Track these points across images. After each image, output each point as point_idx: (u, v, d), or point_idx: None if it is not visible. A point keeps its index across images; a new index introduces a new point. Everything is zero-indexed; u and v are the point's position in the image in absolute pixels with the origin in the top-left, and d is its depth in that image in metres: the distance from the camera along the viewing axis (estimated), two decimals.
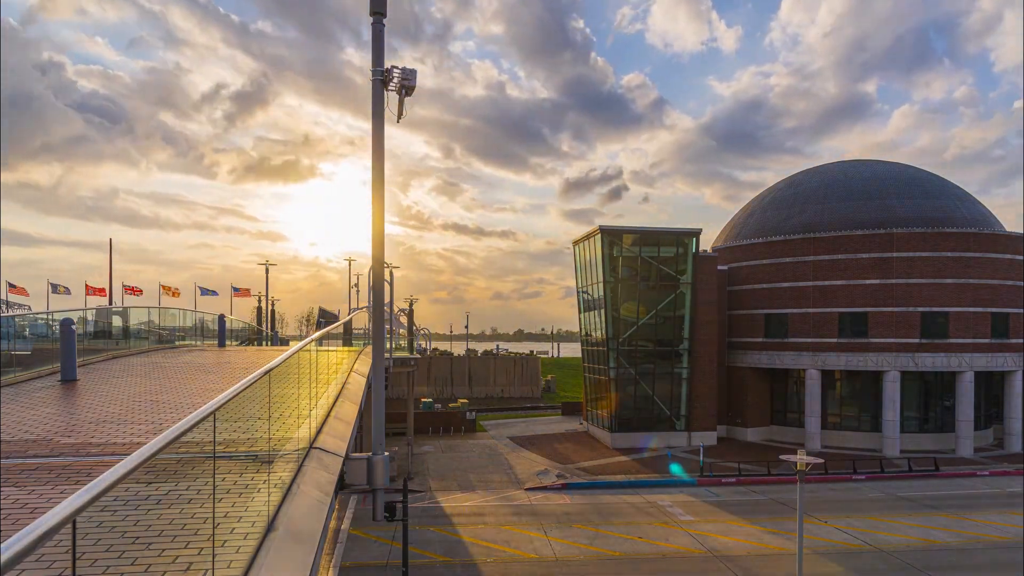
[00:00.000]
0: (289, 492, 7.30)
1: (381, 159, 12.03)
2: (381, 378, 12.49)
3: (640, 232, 52.93)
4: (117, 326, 23.30)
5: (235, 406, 5.58)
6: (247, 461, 6.14)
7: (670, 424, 51.89)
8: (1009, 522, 31.97)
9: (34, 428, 9.42)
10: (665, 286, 52.37)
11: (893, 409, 48.48)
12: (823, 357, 50.75)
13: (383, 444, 11.74)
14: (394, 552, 26.82)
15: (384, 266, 12.46)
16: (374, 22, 11.66)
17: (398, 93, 11.87)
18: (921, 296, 48.58)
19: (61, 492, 6.28)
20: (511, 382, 79.90)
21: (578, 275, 58.05)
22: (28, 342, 16.71)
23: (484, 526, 31.40)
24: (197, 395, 13.01)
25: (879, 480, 41.11)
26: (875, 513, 33.80)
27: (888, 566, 26.40)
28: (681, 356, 52.35)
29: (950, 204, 53.46)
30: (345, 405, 14.21)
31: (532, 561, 26.72)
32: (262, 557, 5.42)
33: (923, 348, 48.45)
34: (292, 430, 8.50)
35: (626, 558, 27.15)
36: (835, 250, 50.55)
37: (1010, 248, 50.00)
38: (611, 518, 32.74)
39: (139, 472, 3.45)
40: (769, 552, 27.98)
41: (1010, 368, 49.63)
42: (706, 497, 37.22)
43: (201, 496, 4.81)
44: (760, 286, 54.15)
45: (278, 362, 7.35)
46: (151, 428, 9.51)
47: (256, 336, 49.56)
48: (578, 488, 38.97)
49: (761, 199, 62.31)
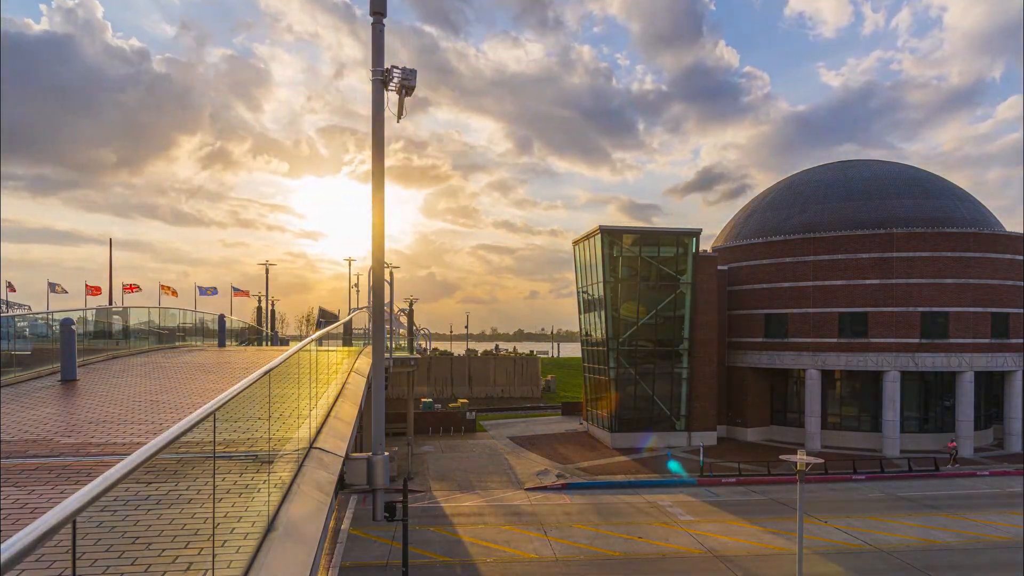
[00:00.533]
0: (289, 492, 7.30)
1: (381, 159, 12.03)
2: (381, 378, 12.50)
3: (640, 232, 52.98)
4: (117, 326, 23.29)
5: (235, 406, 5.58)
6: (247, 461, 6.15)
7: (670, 424, 51.88)
8: (1009, 522, 31.97)
9: (34, 428, 9.42)
10: (665, 286, 52.36)
11: (893, 409, 48.49)
12: (823, 357, 50.74)
13: (383, 444, 11.74)
14: (394, 552, 26.82)
15: (384, 266, 12.45)
16: (374, 22, 11.64)
17: (398, 93, 11.86)
18: (921, 296, 48.58)
19: (61, 492, 6.28)
20: (511, 382, 79.90)
21: (578, 275, 58.05)
22: (28, 342, 16.71)
23: (484, 526, 31.39)
24: (197, 395, 13.01)
25: (879, 480, 41.11)
26: (875, 513, 33.80)
27: (888, 566, 26.40)
28: (681, 356, 52.34)
29: (950, 204, 53.46)
30: (345, 405, 14.21)
31: (532, 561, 26.71)
32: (262, 557, 5.42)
33: (923, 348, 48.46)
34: (292, 430, 8.50)
35: (626, 558, 27.15)
36: (835, 250, 50.55)
37: (1010, 248, 50.00)
38: (611, 518, 32.73)
39: (139, 472, 3.45)
40: (769, 552, 27.98)
41: (1010, 368, 49.63)
42: (706, 497, 37.22)
43: (201, 496, 4.81)
44: (760, 286, 54.15)
45: (278, 362, 7.35)
46: (151, 428, 9.51)
47: (256, 336, 49.57)
48: (578, 488, 38.97)
49: (761, 199, 62.32)
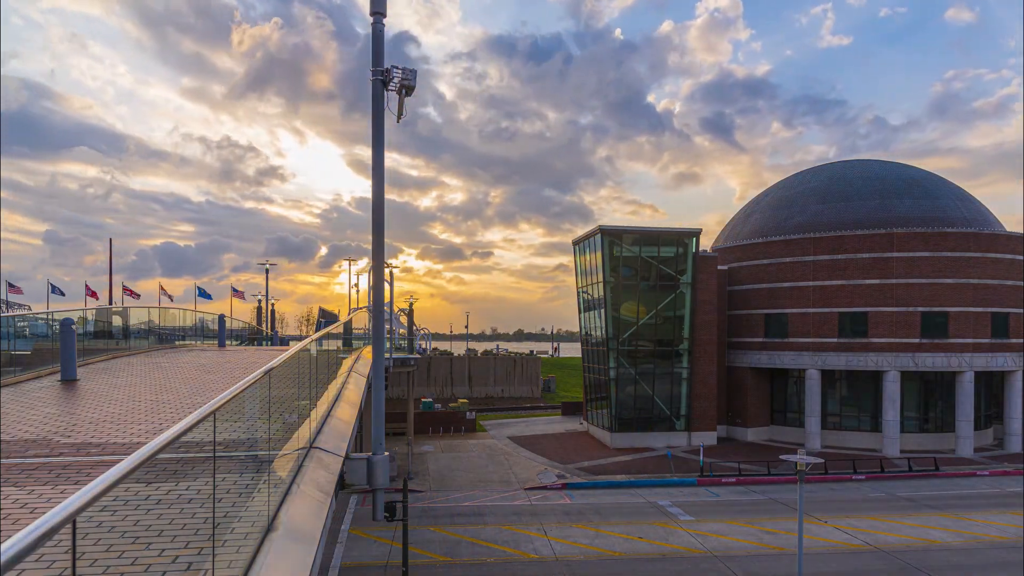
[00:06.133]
0: (289, 492, 7.30)
1: (381, 159, 12.03)
2: (381, 378, 12.50)
3: (640, 232, 52.93)
4: (117, 326, 23.29)
5: (235, 406, 5.58)
6: (247, 461, 6.14)
7: (670, 424, 51.88)
8: (1009, 522, 31.97)
9: (34, 428, 9.42)
10: (665, 286, 52.35)
11: (893, 409, 48.48)
12: (823, 357, 50.73)
13: (383, 444, 11.75)
14: (394, 552, 26.82)
15: (384, 266, 12.46)
16: (374, 22, 11.65)
17: (398, 93, 11.86)
18: (921, 296, 48.57)
19: (61, 492, 6.28)
20: (511, 382, 79.89)
21: (578, 275, 58.04)
22: (28, 342, 16.70)
23: (484, 526, 31.38)
24: (197, 395, 13.01)
25: (879, 480, 41.10)
26: (875, 513, 33.80)
27: (888, 566, 26.39)
28: (681, 356, 52.33)
29: (950, 204, 53.45)
30: (345, 405, 14.21)
31: (532, 561, 26.71)
32: (262, 557, 5.42)
33: (923, 348, 48.45)
34: (292, 430, 8.51)
35: (626, 558, 27.14)
36: (835, 250, 50.54)
37: (1010, 248, 49.99)
38: (611, 518, 32.73)
39: (139, 472, 3.46)
40: (769, 552, 27.97)
41: (1010, 368, 49.62)
42: (706, 497, 37.22)
43: (201, 496, 4.80)
44: (760, 286, 54.14)
45: (278, 362, 7.36)
46: (151, 428, 9.51)
47: (256, 336, 49.60)
48: (578, 488, 38.96)
49: (761, 199, 62.31)
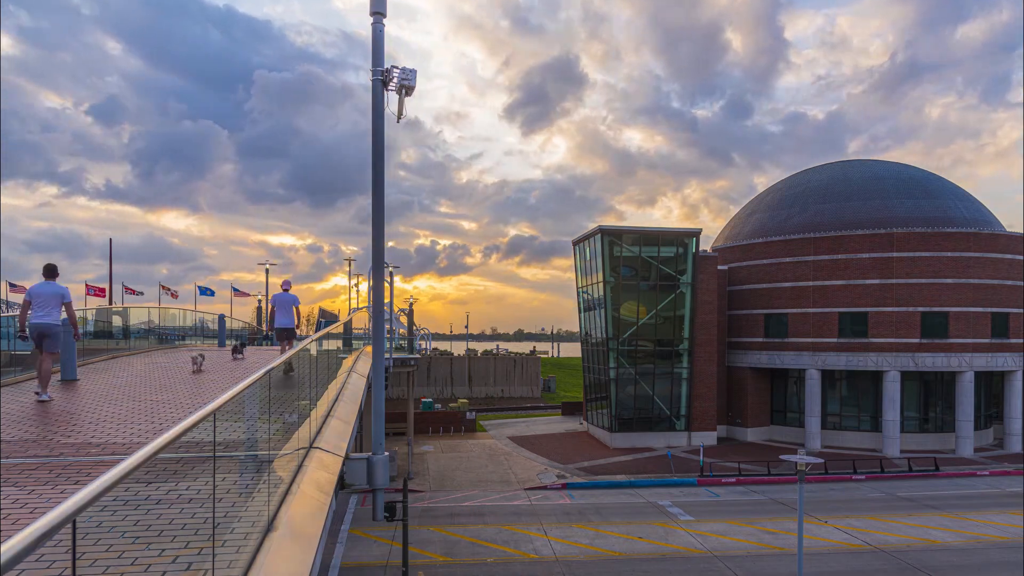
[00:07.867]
0: (289, 492, 7.31)
1: (381, 160, 12.03)
2: (381, 378, 12.50)
3: (640, 232, 52.92)
4: (117, 326, 23.30)
5: (235, 406, 5.58)
6: (247, 461, 6.14)
7: (670, 424, 51.88)
8: (1009, 522, 31.96)
9: (34, 428, 9.42)
10: (665, 286, 52.35)
11: (893, 409, 48.49)
12: (823, 357, 50.74)
13: (383, 444, 11.75)
14: (394, 552, 26.82)
15: (384, 266, 12.46)
16: (374, 22, 11.65)
17: (398, 93, 11.87)
18: (921, 296, 48.58)
19: (61, 492, 6.28)
20: (511, 382, 79.90)
21: (578, 275, 58.05)
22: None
23: (484, 526, 31.39)
24: (197, 395, 13.02)
25: (879, 480, 41.11)
26: (875, 513, 33.80)
27: (888, 566, 26.39)
28: (681, 356, 52.33)
29: (950, 204, 53.45)
30: (345, 405, 14.22)
31: (532, 561, 26.71)
32: (262, 557, 5.43)
33: (923, 348, 48.45)
34: (292, 430, 8.51)
35: (626, 558, 27.14)
36: (835, 250, 50.55)
37: (1010, 248, 50.00)
38: (611, 518, 32.73)
39: (139, 472, 3.45)
40: (769, 552, 27.97)
41: (1010, 368, 49.63)
42: (706, 497, 37.22)
43: (201, 496, 4.81)
44: (760, 286, 54.15)
45: (278, 362, 7.36)
46: (151, 428, 9.51)
47: (256, 336, 49.55)
48: (578, 488, 38.96)
49: (761, 199, 62.32)
